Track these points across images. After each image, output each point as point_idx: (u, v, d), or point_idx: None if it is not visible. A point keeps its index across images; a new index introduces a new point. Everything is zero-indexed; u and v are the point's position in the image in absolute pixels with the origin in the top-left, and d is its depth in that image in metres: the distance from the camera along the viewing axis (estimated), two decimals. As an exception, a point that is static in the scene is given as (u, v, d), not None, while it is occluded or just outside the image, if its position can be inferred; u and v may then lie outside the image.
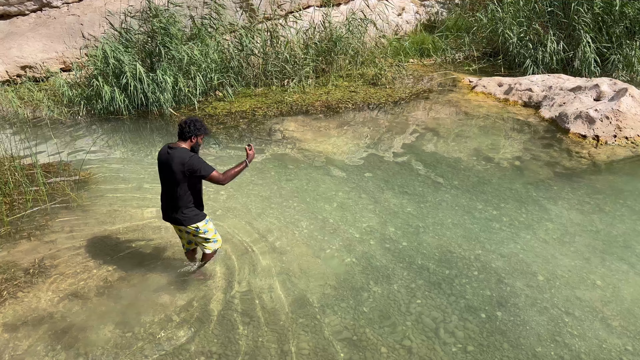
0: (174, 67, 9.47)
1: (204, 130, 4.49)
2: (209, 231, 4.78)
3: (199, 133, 4.46)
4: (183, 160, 4.35)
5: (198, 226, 4.66)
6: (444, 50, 12.14)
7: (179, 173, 4.39)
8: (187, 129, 4.41)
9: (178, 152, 4.39)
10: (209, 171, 4.38)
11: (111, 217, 6.12)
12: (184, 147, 4.44)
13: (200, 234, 4.74)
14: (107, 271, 5.18)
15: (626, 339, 4.28)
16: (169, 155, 4.42)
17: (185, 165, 4.35)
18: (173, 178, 4.45)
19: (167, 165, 4.44)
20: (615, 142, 7.75)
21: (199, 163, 4.37)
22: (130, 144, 8.42)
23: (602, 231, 5.71)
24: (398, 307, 4.69)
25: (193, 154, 4.43)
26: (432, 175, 7.00)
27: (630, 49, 10.28)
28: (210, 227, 4.80)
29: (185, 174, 4.39)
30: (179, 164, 4.36)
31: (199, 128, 4.43)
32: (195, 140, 4.49)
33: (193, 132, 4.43)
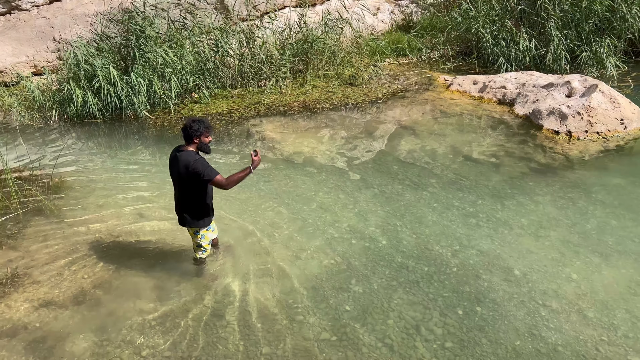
0: (149, 70, 9.36)
1: (204, 129, 4.47)
2: (205, 239, 4.92)
3: (201, 132, 4.46)
4: (188, 163, 4.41)
5: (198, 230, 4.82)
6: (419, 49, 12.24)
7: (184, 176, 4.48)
8: (189, 130, 4.44)
9: (184, 155, 4.45)
10: (212, 175, 4.41)
11: (86, 223, 6.02)
12: (190, 150, 4.49)
13: (197, 238, 4.88)
14: (83, 279, 5.09)
15: (601, 330, 4.37)
16: (176, 158, 4.50)
17: (190, 169, 4.40)
18: (180, 180, 4.55)
19: (174, 167, 4.56)
20: (587, 137, 7.92)
21: (202, 167, 4.39)
22: (104, 148, 8.29)
23: (576, 225, 5.83)
24: (379, 305, 4.71)
25: (198, 157, 4.46)
26: (409, 174, 7.06)
27: (600, 45, 10.51)
28: (208, 236, 4.94)
29: (190, 178, 4.45)
30: (184, 167, 4.42)
31: (198, 128, 4.43)
32: (199, 140, 4.49)
33: (195, 133, 4.44)
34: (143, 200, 6.51)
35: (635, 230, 5.69)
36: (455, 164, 7.32)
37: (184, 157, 4.44)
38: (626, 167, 7.12)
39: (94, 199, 6.57)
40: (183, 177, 4.50)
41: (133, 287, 4.98)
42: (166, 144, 8.22)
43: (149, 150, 8.16)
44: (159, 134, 8.64)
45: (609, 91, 8.36)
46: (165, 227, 5.94)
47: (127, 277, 5.12)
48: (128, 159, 7.80)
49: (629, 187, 6.57)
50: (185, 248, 5.52)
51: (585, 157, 7.44)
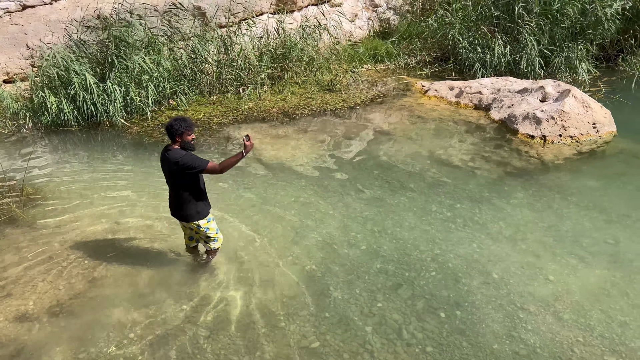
0: (126, 77, 9.25)
1: (185, 127, 4.56)
2: (211, 229, 4.99)
3: (182, 130, 4.55)
4: (176, 160, 4.54)
5: (199, 224, 4.88)
6: (396, 55, 12.36)
7: (175, 173, 4.63)
8: (171, 129, 4.56)
9: (172, 153, 4.59)
10: (204, 164, 4.56)
11: (61, 233, 5.90)
12: (175, 148, 4.62)
13: (201, 232, 4.97)
14: (58, 289, 4.99)
15: (577, 331, 4.45)
16: (166, 157, 4.64)
17: (180, 164, 4.53)
18: (172, 178, 4.71)
19: (165, 166, 4.72)
20: (561, 141, 8.08)
21: (192, 160, 4.54)
22: (79, 157, 8.15)
23: (552, 227, 5.93)
24: (360, 311, 4.72)
25: (185, 153, 4.59)
26: (389, 179, 7.10)
27: (572, 51, 10.76)
28: (212, 226, 5.01)
29: (181, 173, 4.59)
30: (173, 164, 4.56)
31: (179, 127, 4.54)
32: (181, 138, 4.59)
33: (176, 132, 4.55)
34: (120, 209, 6.41)
35: (609, 231, 5.82)
36: (433, 168, 7.40)
37: (172, 155, 4.57)
38: (599, 170, 7.28)
39: (69, 207, 6.45)
40: (175, 174, 4.64)
41: (110, 296, 4.90)
42: (143, 151, 8.14)
43: (125, 158, 8.06)
44: (136, 142, 8.54)
45: (581, 96, 8.55)
46: (142, 235, 5.86)
47: (103, 286, 5.03)
48: (104, 167, 7.69)
49: (602, 190, 6.72)
50: (162, 256, 5.46)
51: (559, 160, 7.59)
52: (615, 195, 6.59)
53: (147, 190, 6.83)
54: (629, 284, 5.00)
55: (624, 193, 6.63)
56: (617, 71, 11.34)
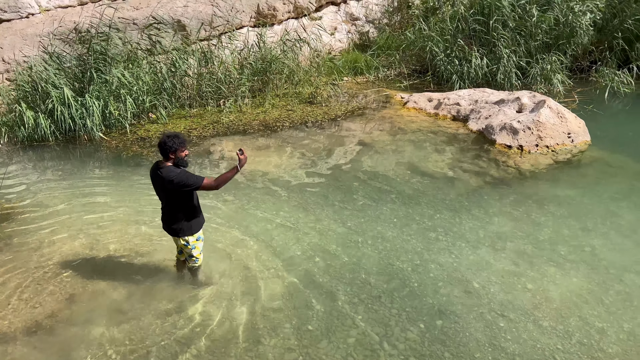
0: (105, 91, 9.18)
1: (179, 143, 4.52)
2: (196, 249, 4.98)
3: (175, 147, 4.51)
4: (170, 178, 4.47)
5: (188, 240, 4.87)
6: (376, 68, 12.49)
7: (169, 190, 4.58)
8: (164, 146, 4.50)
9: (165, 171, 4.51)
10: (200, 181, 4.54)
11: (38, 250, 5.79)
12: (168, 165, 4.55)
13: (188, 248, 4.94)
14: (34, 308, 4.89)
15: (556, 339, 4.51)
16: (158, 175, 4.57)
17: (175, 183, 4.48)
18: (165, 195, 4.66)
19: (157, 183, 4.65)
20: (538, 150, 8.23)
21: (186, 177, 4.50)
22: (57, 171, 8.03)
23: (530, 236, 6.02)
24: (342, 323, 4.71)
25: (180, 170, 4.54)
26: (370, 190, 7.14)
27: (546, 62, 11.01)
28: (199, 246, 5.00)
29: (176, 190, 4.55)
30: (168, 182, 4.49)
31: (172, 144, 4.49)
32: (174, 155, 4.54)
33: (170, 149, 4.50)
34: (98, 224, 6.33)
35: (586, 239, 5.93)
36: (413, 179, 7.46)
37: (166, 173, 4.50)
38: (575, 179, 7.43)
39: (46, 223, 6.34)
40: (169, 192, 4.60)
41: (88, 313, 4.81)
42: (121, 165, 8.05)
43: (103, 172, 7.96)
44: (114, 156, 8.45)
45: (556, 106, 8.74)
46: (121, 250, 5.78)
47: (82, 303, 4.95)
48: (81, 182, 7.58)
49: (578, 198, 6.86)
50: (142, 271, 5.39)
51: (536, 170, 7.73)
52: (590, 203, 6.72)
53: (126, 205, 6.75)
54: (606, 290, 5.09)
55: (599, 201, 6.77)
56: (590, 82, 11.63)
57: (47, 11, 11.23)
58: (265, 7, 12.21)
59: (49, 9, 11.27)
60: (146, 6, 11.34)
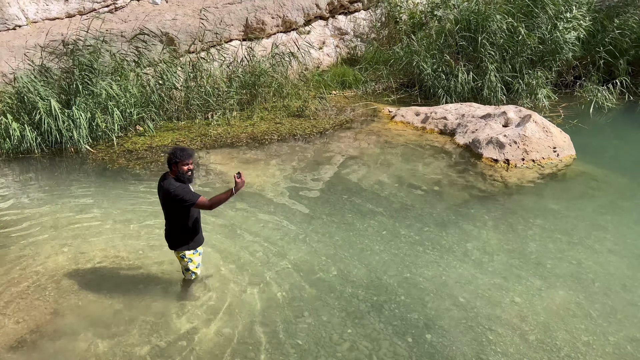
0: (92, 103, 9.13)
1: (181, 157, 4.57)
2: (193, 262, 5.05)
3: (176, 160, 4.58)
4: (169, 190, 4.58)
5: (185, 254, 4.96)
6: (364, 82, 12.59)
7: (167, 202, 4.69)
8: (168, 157, 4.62)
9: (166, 183, 4.63)
10: (195, 199, 4.58)
11: (21, 264, 5.70)
12: (171, 177, 4.66)
13: (184, 261, 5.02)
14: (18, 323, 4.79)
15: (543, 352, 4.52)
16: (160, 185, 4.71)
17: (172, 195, 4.57)
18: (165, 206, 4.77)
19: (160, 194, 4.76)
20: (524, 164, 8.33)
21: (183, 193, 4.56)
22: (41, 184, 7.93)
23: (517, 250, 6.06)
24: (330, 337, 4.69)
25: (178, 185, 4.59)
26: (358, 203, 7.15)
27: (532, 77, 11.19)
28: (195, 260, 5.06)
29: (173, 204, 4.63)
30: (167, 194, 4.61)
31: (174, 156, 4.57)
32: (176, 167, 4.59)
33: (170, 160, 4.61)
34: (83, 238, 6.25)
35: (571, 253, 5.99)
36: (401, 192, 7.50)
37: (166, 185, 4.61)
38: (560, 193, 7.51)
39: (30, 237, 6.24)
40: (167, 204, 4.70)
41: (73, 328, 4.73)
42: (106, 178, 7.97)
43: (89, 185, 7.87)
44: (100, 169, 8.37)
45: (542, 121, 8.87)
46: (107, 264, 5.71)
47: (66, 318, 4.86)
48: (66, 194, 7.49)
49: (564, 212, 6.93)
50: (128, 285, 5.32)
51: (522, 183, 7.81)
52: (576, 217, 6.80)
53: (111, 218, 6.68)
54: (592, 304, 5.13)
55: (584, 215, 6.85)
56: (575, 97, 11.83)
57: (35, 23, 11.18)
58: (254, 20, 12.28)
59: (36, 21, 11.22)
60: (134, 19, 11.35)
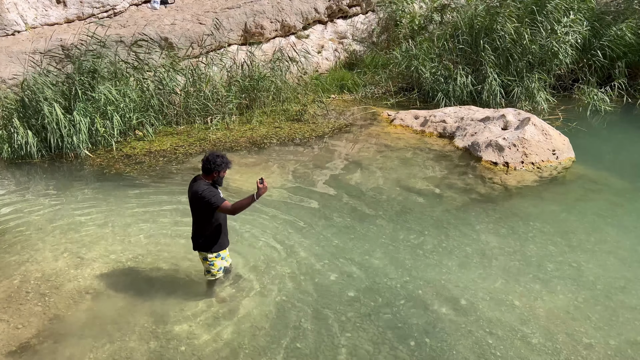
0: (91, 108, 9.13)
1: (224, 166, 4.79)
2: (214, 266, 5.13)
3: (221, 169, 4.77)
4: (197, 191, 4.72)
5: (207, 256, 5.05)
6: (363, 86, 12.60)
7: (195, 203, 4.81)
8: (209, 165, 4.75)
9: (196, 184, 4.79)
10: (219, 202, 4.70)
11: (21, 269, 5.69)
12: (202, 180, 4.81)
13: (206, 263, 5.12)
14: (17, 329, 4.78)
15: (545, 355, 4.51)
16: (191, 186, 4.85)
17: (199, 196, 4.71)
18: (193, 207, 4.89)
19: (189, 195, 4.89)
20: (523, 167, 8.33)
21: (210, 195, 4.69)
22: (40, 190, 7.91)
23: (517, 253, 6.06)
24: (331, 341, 4.68)
25: (207, 187, 4.75)
26: (357, 207, 7.15)
27: (531, 81, 11.20)
28: (217, 264, 5.13)
29: (200, 205, 4.75)
30: (195, 193, 4.75)
31: (219, 164, 4.74)
32: (217, 174, 4.80)
33: (214, 168, 4.75)
34: (82, 243, 6.24)
35: (571, 255, 5.98)
36: (401, 196, 7.49)
37: (196, 186, 4.76)
38: (560, 196, 7.51)
39: (29, 243, 6.23)
40: (194, 204, 4.82)
41: (72, 334, 4.72)
42: (105, 183, 7.96)
43: (87, 190, 7.86)
44: (97, 174, 8.34)
45: (541, 124, 8.87)
46: (106, 269, 5.70)
47: (65, 323, 4.85)
48: (65, 200, 7.49)
49: (564, 214, 6.93)
50: (127, 291, 5.31)
51: (522, 186, 7.80)
52: (575, 220, 6.80)
53: (110, 224, 6.67)
54: (592, 306, 5.13)
55: (584, 217, 6.85)
56: (573, 100, 11.84)
57: (34, 29, 11.20)
58: (252, 25, 12.31)
59: (35, 27, 11.24)
60: (133, 24, 11.37)
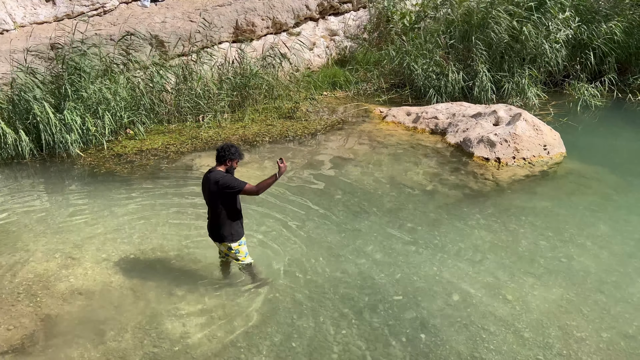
0: (81, 107, 9.06)
1: (237, 155, 4.94)
2: (241, 252, 5.22)
3: (234, 157, 4.92)
4: (217, 179, 4.81)
5: (231, 246, 5.12)
6: (355, 82, 12.59)
7: (214, 193, 4.87)
8: (223, 153, 4.89)
9: (214, 174, 4.88)
10: (242, 185, 4.81)
11: (11, 270, 5.64)
12: (219, 170, 4.92)
13: (232, 253, 5.20)
14: (9, 330, 4.75)
15: (537, 349, 4.54)
16: (207, 178, 4.93)
17: (220, 184, 4.79)
18: (211, 198, 4.94)
19: (205, 186, 4.98)
20: (515, 163, 8.37)
21: (231, 180, 4.82)
22: (30, 189, 7.84)
23: (509, 248, 6.09)
24: (324, 338, 4.68)
25: (226, 174, 4.89)
26: (350, 204, 7.15)
27: (521, 77, 11.25)
28: (243, 250, 5.23)
29: (220, 193, 4.83)
30: (214, 183, 4.82)
31: (233, 153, 4.89)
32: (230, 163, 4.93)
33: (228, 156, 4.88)
34: (74, 243, 6.19)
35: (563, 250, 6.02)
36: (393, 192, 7.50)
37: (214, 176, 4.85)
38: (551, 191, 7.55)
39: (19, 243, 6.18)
40: (214, 193, 4.87)
41: (65, 334, 4.69)
42: (97, 183, 7.90)
43: (78, 190, 7.80)
44: (88, 173, 8.28)
45: (532, 119, 8.91)
46: (98, 269, 5.66)
47: (57, 324, 4.82)
48: (55, 200, 7.43)
49: (555, 209, 6.97)
50: (119, 291, 5.29)
51: (514, 182, 7.84)
52: (567, 214, 6.84)
53: (101, 223, 6.63)
54: (584, 300, 5.16)
55: (575, 212, 6.89)
56: (564, 95, 11.90)
57: (22, 27, 11.08)
58: (244, 22, 12.25)
59: (24, 25, 11.13)
60: (123, 22, 11.28)
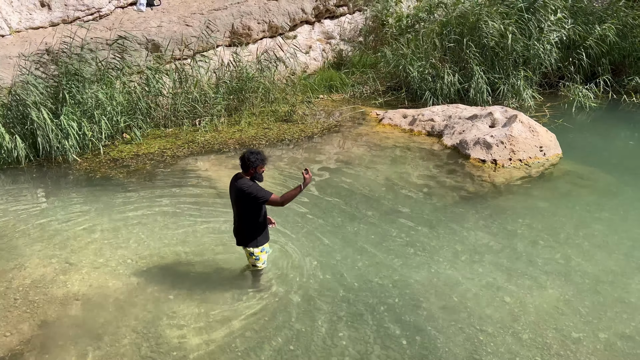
0: (78, 112, 9.05)
1: (261, 162, 4.98)
2: (260, 260, 5.38)
3: (257, 164, 4.95)
4: (243, 189, 4.89)
5: (252, 251, 5.27)
6: (351, 85, 12.62)
7: (240, 201, 4.97)
8: (247, 162, 4.92)
9: (240, 182, 4.94)
10: (268, 196, 4.89)
11: (8, 276, 5.61)
12: (245, 178, 4.97)
13: (252, 258, 5.34)
14: (5, 336, 4.72)
15: (535, 350, 4.55)
16: (234, 185, 4.99)
17: (246, 193, 4.87)
18: (237, 204, 5.04)
19: (232, 193, 5.06)
20: (511, 164, 8.39)
21: (257, 190, 4.88)
22: (26, 195, 7.81)
23: (506, 249, 6.10)
24: (322, 341, 4.67)
25: (252, 184, 4.93)
26: (347, 206, 7.15)
27: (517, 79, 11.29)
28: (262, 257, 5.39)
29: (246, 201, 4.91)
30: (240, 191, 4.91)
31: (253, 161, 4.92)
32: (254, 170, 4.97)
33: (252, 165, 4.92)
34: (71, 248, 6.17)
35: (560, 251, 6.03)
36: (390, 194, 7.51)
37: (240, 184, 4.92)
38: (548, 192, 7.57)
39: (16, 249, 6.16)
40: (240, 201, 4.97)
41: (63, 339, 4.67)
42: (93, 187, 7.87)
43: (76, 195, 7.77)
44: (84, 178, 8.25)
45: (528, 121, 8.94)
46: (95, 274, 5.64)
47: (55, 329, 4.79)
48: (52, 205, 7.40)
49: (552, 210, 6.99)
50: (117, 295, 5.27)
51: (510, 183, 7.86)
52: (563, 215, 6.86)
53: (99, 228, 6.61)
54: (581, 301, 5.17)
55: (572, 213, 6.91)
56: (559, 96, 11.96)
57: (18, 32, 11.07)
58: (239, 26, 12.27)
59: (20, 30, 11.11)
60: (119, 27, 11.28)
